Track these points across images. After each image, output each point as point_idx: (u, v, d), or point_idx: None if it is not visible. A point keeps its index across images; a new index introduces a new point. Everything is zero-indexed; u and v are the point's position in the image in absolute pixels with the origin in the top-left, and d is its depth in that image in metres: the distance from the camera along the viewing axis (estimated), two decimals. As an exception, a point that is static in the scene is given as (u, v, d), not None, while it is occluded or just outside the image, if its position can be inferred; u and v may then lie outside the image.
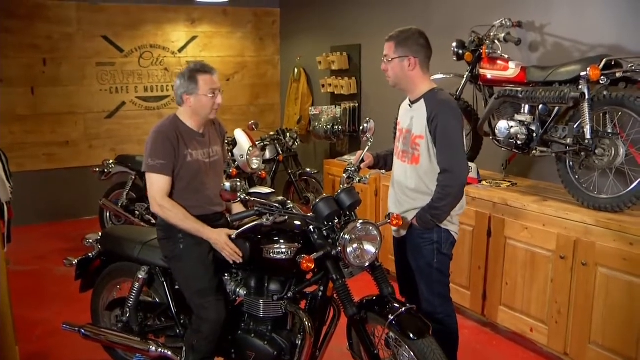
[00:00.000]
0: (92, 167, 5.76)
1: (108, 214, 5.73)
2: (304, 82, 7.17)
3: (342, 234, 2.50)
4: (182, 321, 3.03)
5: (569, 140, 3.34)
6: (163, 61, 7.07)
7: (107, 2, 6.67)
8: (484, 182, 4.04)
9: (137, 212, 5.40)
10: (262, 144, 6.13)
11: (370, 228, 2.57)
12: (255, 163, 5.26)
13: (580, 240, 3.16)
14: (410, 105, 2.88)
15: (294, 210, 2.66)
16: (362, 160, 3.01)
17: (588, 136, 3.19)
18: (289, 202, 2.67)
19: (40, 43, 6.44)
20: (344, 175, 2.88)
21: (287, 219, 2.68)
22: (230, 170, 5.20)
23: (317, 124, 6.45)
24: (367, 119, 2.99)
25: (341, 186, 2.75)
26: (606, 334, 3.09)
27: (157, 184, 2.77)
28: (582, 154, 3.30)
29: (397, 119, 3.05)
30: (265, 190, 5.24)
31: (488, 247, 3.74)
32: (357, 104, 6.23)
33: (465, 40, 3.98)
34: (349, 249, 2.50)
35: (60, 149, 6.70)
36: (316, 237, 2.62)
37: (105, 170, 5.61)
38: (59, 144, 6.69)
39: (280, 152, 6.18)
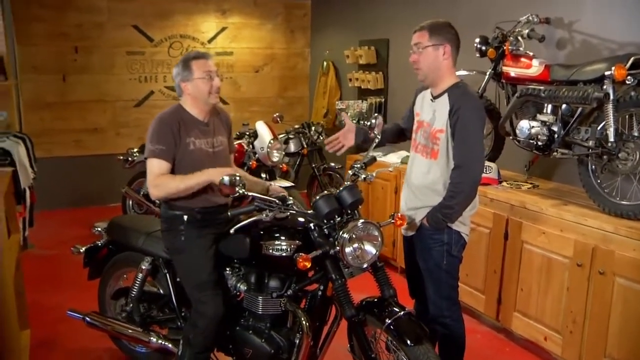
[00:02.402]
0: (118, 155, 5.82)
1: (131, 202, 5.78)
2: (333, 76, 7.09)
3: (341, 233, 2.43)
4: (183, 314, 3.01)
5: (591, 143, 3.18)
6: (190, 51, 7.06)
7: (138, -9, 6.73)
8: (504, 183, 3.91)
9: (157, 201, 5.42)
10: (286, 136, 6.10)
11: (371, 228, 2.49)
12: (276, 156, 5.21)
13: (598, 248, 3.02)
14: (432, 100, 2.79)
15: (295, 207, 2.61)
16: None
17: (611, 139, 3.03)
18: (290, 198, 2.62)
19: (71, 32, 6.53)
20: (349, 172, 2.81)
21: (288, 215, 2.63)
22: (250, 163, 5.19)
23: (342, 118, 6.37)
24: (375, 114, 2.91)
25: (345, 183, 2.68)
26: (622, 348, 2.94)
27: (153, 168, 2.72)
28: (605, 157, 3.14)
29: (413, 104, 2.97)
30: (286, 183, 5.20)
31: (504, 250, 3.62)
32: (383, 99, 6.12)
33: (489, 36, 3.84)
34: (348, 249, 2.43)
35: (88, 136, 6.80)
36: (316, 235, 2.55)
37: (129, 159, 5.65)
38: (87, 131, 6.79)
39: (305, 146, 6.13)
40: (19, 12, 6.21)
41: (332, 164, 6.15)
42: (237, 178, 2.48)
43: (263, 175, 5.31)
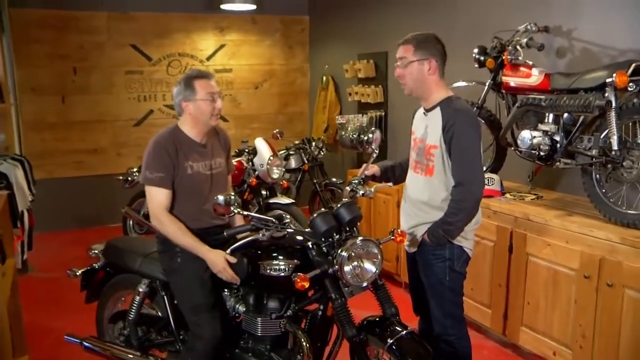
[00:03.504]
0: (117, 175, 5.78)
1: (131, 223, 5.74)
2: (332, 90, 7.05)
3: (339, 251, 2.37)
4: (181, 337, 2.94)
5: (594, 152, 3.12)
6: (191, 69, 7.05)
7: (137, 10, 6.73)
8: (507, 195, 3.84)
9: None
10: (287, 153, 6.05)
11: (371, 245, 2.43)
12: (276, 173, 5.16)
13: (605, 259, 2.94)
14: (425, 114, 2.74)
15: (292, 225, 2.55)
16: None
17: (615, 147, 2.97)
18: (287, 216, 2.56)
19: (71, 52, 6.53)
20: (347, 188, 2.76)
21: (286, 234, 2.57)
22: (250, 180, 5.13)
23: (343, 132, 6.31)
24: (372, 129, 2.88)
25: (343, 199, 2.63)
26: (634, 362, 2.86)
27: (156, 197, 2.70)
28: (609, 166, 3.08)
29: (412, 124, 2.92)
30: (286, 200, 5.16)
31: (509, 263, 3.54)
32: (383, 113, 6.07)
33: (487, 46, 3.80)
34: (347, 268, 2.37)
35: (88, 156, 6.78)
36: (314, 253, 2.49)
37: (129, 179, 5.62)
38: (87, 151, 6.76)
39: (306, 162, 6.08)
40: (18, 35, 6.22)
41: (334, 179, 6.09)
42: (232, 197, 2.43)
43: (263, 192, 5.26)
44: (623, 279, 2.85)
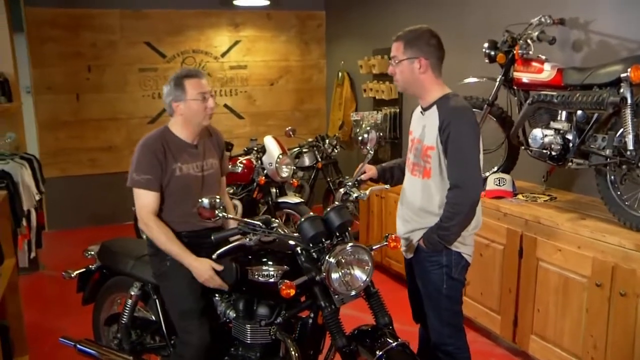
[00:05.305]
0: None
1: (141, 221, 5.69)
2: (348, 87, 6.92)
3: (327, 257, 2.26)
4: (172, 342, 2.86)
5: (608, 152, 2.94)
6: (205, 66, 6.99)
7: (150, 8, 6.69)
8: (519, 196, 3.67)
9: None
10: (299, 150, 5.96)
11: (361, 252, 2.31)
12: (286, 171, 5.05)
13: (618, 267, 2.76)
14: (422, 113, 2.60)
15: (280, 230, 2.44)
16: (363, 173, 2.77)
17: (630, 147, 2.78)
18: (275, 220, 2.45)
19: (85, 51, 6.51)
20: (341, 190, 2.64)
21: (276, 239, 2.47)
22: (259, 179, 5.05)
23: (358, 130, 6.19)
24: (368, 128, 2.73)
25: (335, 203, 2.51)
26: (648, 376, 2.68)
27: (143, 200, 2.64)
28: (624, 166, 2.90)
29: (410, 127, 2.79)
30: (295, 199, 5.05)
31: (519, 268, 3.37)
32: (398, 110, 5.92)
33: (498, 41, 3.63)
34: (334, 275, 2.25)
35: (103, 154, 6.76)
36: (303, 259, 2.37)
37: (140, 177, 5.57)
38: (102, 149, 6.74)
39: (319, 159, 5.97)
40: (33, 34, 6.24)
41: (348, 178, 5.95)
42: (217, 200, 2.34)
43: (273, 191, 5.17)
44: (637, 288, 2.68)
